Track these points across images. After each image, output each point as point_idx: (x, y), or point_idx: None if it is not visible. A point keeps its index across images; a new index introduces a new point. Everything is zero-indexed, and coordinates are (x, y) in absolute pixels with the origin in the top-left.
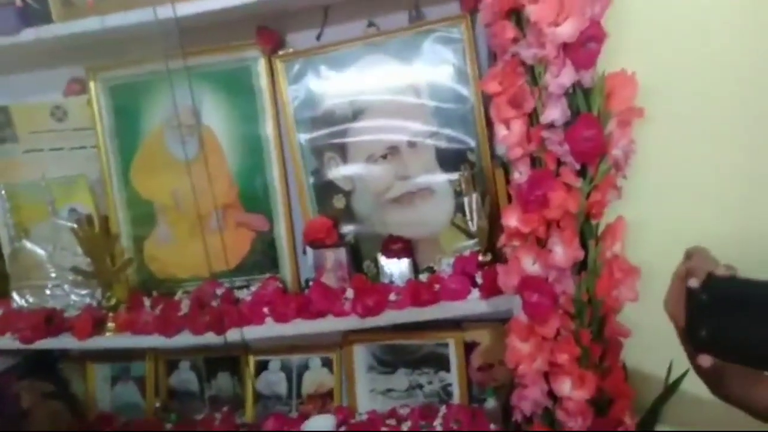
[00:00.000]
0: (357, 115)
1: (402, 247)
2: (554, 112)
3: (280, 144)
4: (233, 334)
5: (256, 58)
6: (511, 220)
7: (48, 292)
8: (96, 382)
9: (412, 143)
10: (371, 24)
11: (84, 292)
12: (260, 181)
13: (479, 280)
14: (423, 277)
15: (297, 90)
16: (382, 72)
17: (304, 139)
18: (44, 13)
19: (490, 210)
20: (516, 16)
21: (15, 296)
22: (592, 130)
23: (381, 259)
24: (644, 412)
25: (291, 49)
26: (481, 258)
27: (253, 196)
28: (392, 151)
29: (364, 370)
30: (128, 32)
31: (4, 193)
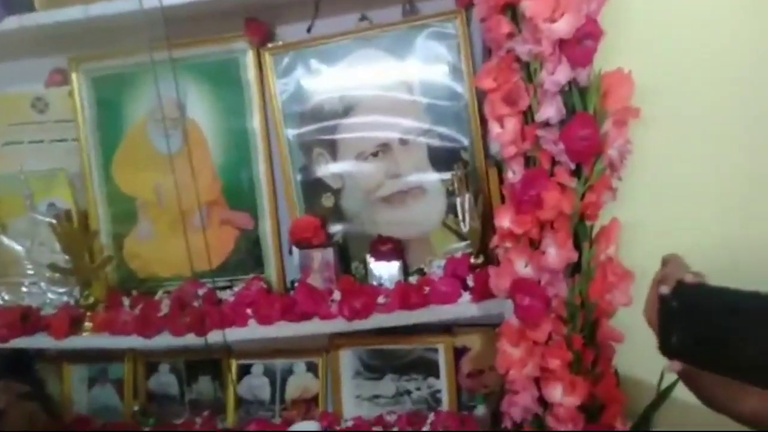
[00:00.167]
0: (347, 110)
1: (391, 249)
2: (549, 110)
3: (268, 139)
4: (215, 336)
5: (244, 51)
6: (503, 221)
7: (24, 290)
8: (72, 383)
9: (404, 141)
10: (364, 17)
11: (61, 290)
12: (246, 177)
13: (471, 283)
14: (413, 279)
15: (286, 84)
16: (374, 67)
17: (292, 135)
18: (27, 1)
19: (483, 210)
20: (512, 11)
21: None
22: (587, 129)
23: (370, 260)
24: (636, 419)
25: (280, 42)
26: (473, 260)
27: (238, 193)
28: (383, 148)
29: (350, 376)
30: (113, 22)
31: None
